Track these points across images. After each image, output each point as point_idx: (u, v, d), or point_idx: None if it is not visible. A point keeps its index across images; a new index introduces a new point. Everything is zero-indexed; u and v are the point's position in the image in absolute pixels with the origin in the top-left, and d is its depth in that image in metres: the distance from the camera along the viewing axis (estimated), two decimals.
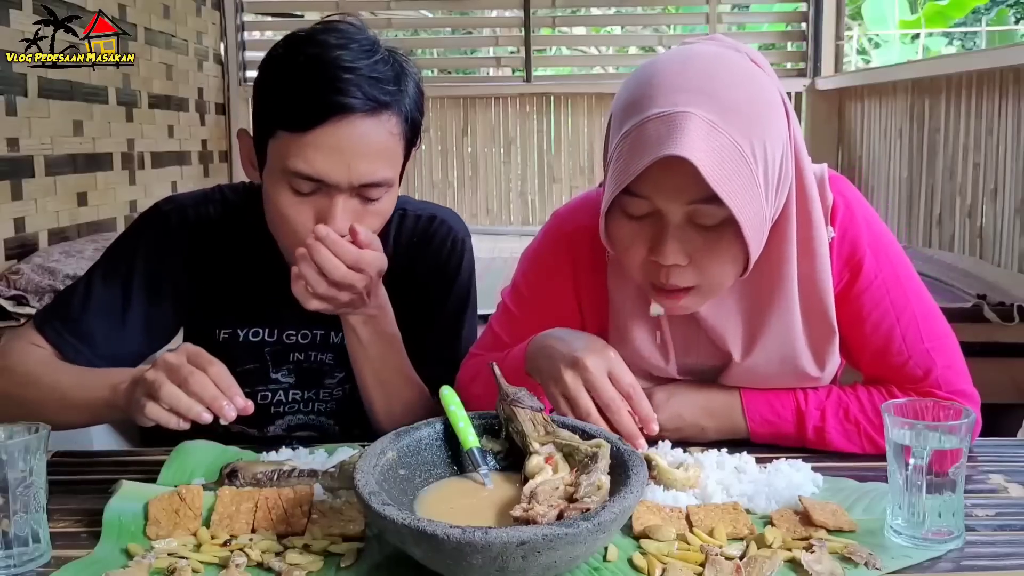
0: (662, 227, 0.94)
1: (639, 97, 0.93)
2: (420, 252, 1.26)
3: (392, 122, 1.07)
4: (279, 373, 1.22)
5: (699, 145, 0.87)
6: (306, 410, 1.24)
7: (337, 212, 1.05)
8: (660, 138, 0.88)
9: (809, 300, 1.04)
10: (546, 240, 1.19)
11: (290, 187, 1.06)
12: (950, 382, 1.06)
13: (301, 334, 1.21)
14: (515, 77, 4.86)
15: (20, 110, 2.60)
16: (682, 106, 0.88)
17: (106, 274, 1.17)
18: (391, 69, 1.07)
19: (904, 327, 1.05)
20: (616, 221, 0.97)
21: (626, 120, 0.93)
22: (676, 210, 0.93)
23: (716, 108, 0.89)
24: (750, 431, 1.07)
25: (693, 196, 0.91)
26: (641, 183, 0.91)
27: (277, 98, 1.05)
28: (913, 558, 0.80)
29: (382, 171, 1.07)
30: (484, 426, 0.92)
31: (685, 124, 0.87)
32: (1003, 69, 2.76)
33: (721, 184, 0.87)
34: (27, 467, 0.79)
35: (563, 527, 0.69)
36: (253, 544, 0.82)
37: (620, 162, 0.92)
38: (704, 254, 0.94)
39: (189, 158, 4.01)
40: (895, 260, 1.07)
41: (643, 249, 0.96)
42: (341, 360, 1.22)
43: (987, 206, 2.90)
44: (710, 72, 0.92)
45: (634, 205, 0.94)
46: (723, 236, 0.93)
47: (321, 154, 1.03)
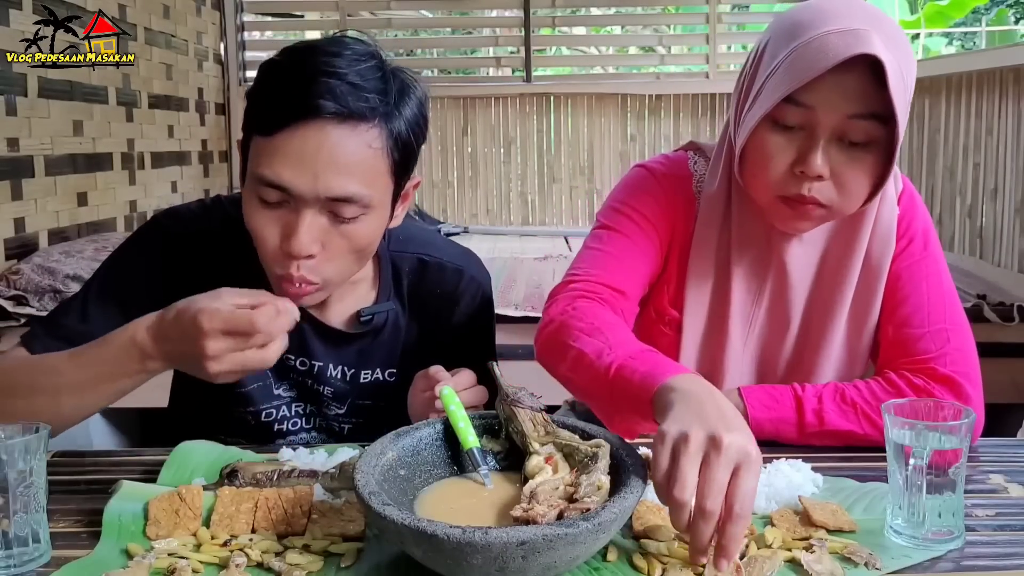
0: (813, 139, 1.00)
1: (811, 19, 1.00)
2: (449, 307, 1.22)
3: (372, 134, 0.98)
4: (280, 388, 1.19)
5: (885, 56, 0.94)
6: (308, 426, 1.22)
7: (301, 228, 0.97)
8: (847, 44, 0.95)
9: (870, 252, 1.14)
10: (642, 175, 1.22)
11: (258, 196, 0.99)
12: (955, 362, 1.08)
13: (299, 361, 1.17)
14: (515, 77, 4.86)
15: (20, 110, 2.60)
16: (862, 26, 0.97)
17: (102, 290, 1.11)
18: (381, 80, 0.99)
19: (930, 306, 1.12)
20: (761, 132, 1.03)
21: (796, 37, 1.00)
22: (833, 122, 0.99)
23: (883, 35, 0.97)
24: (749, 417, 1.08)
25: (854, 109, 0.98)
26: (809, 90, 0.98)
27: (254, 100, 1.00)
28: (913, 558, 0.80)
29: (353, 186, 0.97)
30: (484, 426, 0.92)
31: (868, 37, 0.95)
32: (1003, 69, 2.76)
33: (896, 96, 0.95)
34: (27, 467, 0.79)
35: (563, 527, 0.69)
36: (253, 544, 0.81)
37: (794, 66, 0.98)
38: (846, 172, 1.01)
39: (189, 158, 4.01)
40: (937, 252, 1.18)
41: (787, 160, 1.02)
42: (339, 397, 1.20)
43: (987, 206, 2.90)
44: (873, 10, 1.01)
45: (792, 114, 1.00)
46: (866, 156, 1.01)
47: (286, 161, 0.95)
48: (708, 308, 1.17)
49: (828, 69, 0.95)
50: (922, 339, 1.10)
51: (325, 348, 1.17)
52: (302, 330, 1.14)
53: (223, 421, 1.18)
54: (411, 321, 1.21)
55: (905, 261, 1.15)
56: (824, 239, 1.14)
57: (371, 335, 1.18)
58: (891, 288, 1.15)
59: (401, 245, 1.21)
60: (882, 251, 1.14)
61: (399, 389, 1.17)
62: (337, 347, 1.17)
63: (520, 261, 3.47)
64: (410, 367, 1.16)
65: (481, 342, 1.27)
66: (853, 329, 1.16)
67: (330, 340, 1.17)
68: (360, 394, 1.20)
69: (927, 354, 1.09)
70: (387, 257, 1.19)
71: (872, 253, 1.14)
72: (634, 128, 4.72)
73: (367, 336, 1.18)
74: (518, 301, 2.57)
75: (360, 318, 1.16)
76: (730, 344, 1.16)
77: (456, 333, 1.23)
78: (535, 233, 4.47)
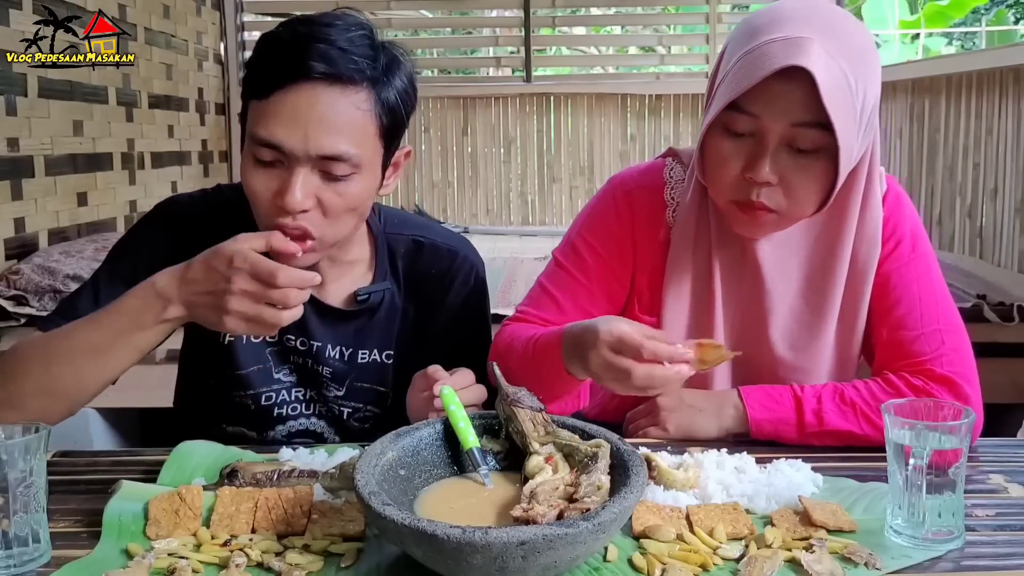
0: (761, 146, 1.01)
1: (763, 24, 1.01)
2: (443, 287, 1.25)
3: (360, 97, 1.04)
4: (280, 372, 1.22)
5: (820, 65, 0.95)
6: (307, 412, 1.23)
7: (295, 184, 1.02)
8: (784, 54, 0.96)
9: (856, 255, 1.13)
10: (604, 200, 1.23)
11: (253, 156, 1.04)
12: (952, 362, 1.08)
13: (299, 341, 1.20)
14: (515, 77, 4.86)
15: (20, 110, 2.60)
16: (805, 34, 0.97)
17: (112, 274, 1.16)
18: (371, 48, 1.05)
19: (923, 307, 1.12)
20: (715, 138, 1.04)
21: (747, 42, 1.00)
22: (778, 130, 1.00)
23: (833, 42, 0.98)
24: (749, 418, 1.08)
25: (799, 117, 0.99)
26: (752, 99, 0.99)
27: (250, 68, 1.06)
28: (913, 558, 0.80)
29: (343, 144, 1.02)
30: (484, 426, 0.92)
31: (808, 46, 0.96)
32: (1003, 69, 2.76)
33: (832, 105, 0.95)
34: (27, 467, 0.79)
35: (563, 527, 0.69)
36: (253, 544, 0.82)
37: (738, 75, 0.99)
38: (794, 178, 1.02)
39: (189, 158, 4.01)
40: (927, 252, 1.16)
41: (738, 166, 1.03)
42: (337, 377, 1.22)
43: (987, 206, 2.90)
44: (831, 14, 1.02)
45: (739, 121, 1.01)
46: (814, 164, 1.02)
47: (279, 120, 1.01)
48: (689, 310, 1.16)
49: (767, 77, 0.96)
50: (916, 341, 1.10)
51: (323, 327, 1.20)
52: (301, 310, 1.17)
53: (225, 408, 1.21)
54: (407, 302, 1.24)
55: (894, 263, 1.14)
56: (804, 243, 1.14)
57: (368, 314, 1.21)
58: (882, 291, 1.14)
59: (397, 227, 1.25)
60: (868, 253, 1.13)
61: (397, 371, 1.21)
62: (335, 326, 1.20)
63: (520, 261, 3.46)
64: (406, 348, 1.22)
65: (475, 324, 1.29)
66: (842, 332, 1.15)
67: (328, 319, 1.20)
68: (358, 375, 1.22)
69: (923, 356, 1.09)
70: (383, 239, 1.23)
71: (858, 256, 1.13)
72: (634, 128, 4.72)
73: (364, 315, 1.21)
74: (518, 301, 2.57)
75: (357, 297, 1.19)
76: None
77: (450, 314, 1.25)
78: (535, 233, 4.47)
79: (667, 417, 1.11)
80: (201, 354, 1.22)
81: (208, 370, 1.21)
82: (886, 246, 1.14)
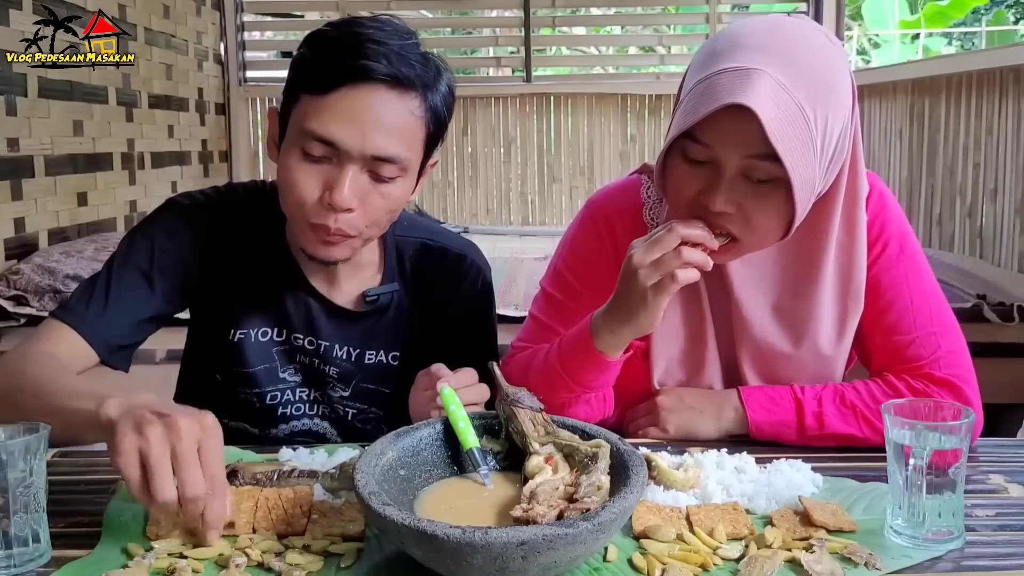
0: (717, 176, 0.98)
1: (719, 51, 0.98)
2: (450, 290, 1.26)
3: (415, 103, 1.06)
4: (286, 372, 1.22)
5: (766, 101, 0.92)
6: (311, 412, 1.24)
7: (346, 181, 1.03)
8: (731, 88, 0.93)
9: (846, 272, 1.10)
10: (584, 225, 1.22)
11: (302, 150, 1.05)
12: (951, 365, 1.08)
13: (307, 340, 1.21)
14: (515, 77, 4.86)
15: (20, 110, 2.61)
16: (758, 65, 0.93)
17: (126, 259, 1.16)
18: (422, 57, 1.07)
19: (916, 310, 1.10)
20: (675, 163, 1.02)
21: (703, 70, 0.98)
22: (733, 161, 0.97)
23: (789, 72, 0.94)
24: (749, 420, 1.08)
25: (751, 150, 0.95)
26: (705, 130, 0.96)
27: (306, 64, 1.06)
28: (913, 558, 0.80)
29: (395, 147, 1.04)
30: (484, 426, 0.92)
31: (757, 80, 0.92)
32: (1003, 69, 2.77)
33: (781, 141, 0.92)
34: (27, 467, 0.79)
35: (563, 527, 0.69)
36: (253, 544, 0.81)
37: (689, 106, 0.97)
38: (752, 208, 0.99)
39: (189, 158, 4.02)
40: (915, 252, 1.14)
41: (695, 190, 1.00)
42: (344, 378, 1.22)
43: (987, 206, 2.90)
44: (790, 40, 0.97)
45: (694, 150, 0.99)
46: (772, 194, 0.98)
47: (338, 118, 1.02)
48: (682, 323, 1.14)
49: (720, 109, 0.92)
50: (912, 345, 1.09)
51: (331, 327, 1.21)
52: (310, 309, 1.20)
53: (228, 404, 1.21)
54: (414, 304, 1.24)
55: (883, 266, 1.11)
56: (774, 254, 1.09)
57: (376, 315, 1.22)
58: (873, 295, 1.11)
59: (406, 230, 1.26)
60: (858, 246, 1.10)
61: (402, 373, 1.20)
62: (343, 326, 1.21)
63: (520, 261, 3.47)
64: (413, 350, 1.22)
65: (482, 328, 1.29)
66: (832, 338, 1.12)
67: (337, 319, 1.21)
68: (364, 376, 1.23)
69: (920, 360, 1.08)
70: (392, 241, 1.24)
71: (842, 260, 1.10)
72: (634, 128, 4.73)
73: (372, 316, 1.22)
74: (518, 301, 2.57)
75: (366, 298, 1.20)
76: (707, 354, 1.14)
77: (457, 317, 1.26)
78: (535, 233, 4.47)
79: (667, 417, 1.11)
80: (207, 350, 1.22)
81: (214, 366, 1.22)
82: (873, 249, 1.11)
